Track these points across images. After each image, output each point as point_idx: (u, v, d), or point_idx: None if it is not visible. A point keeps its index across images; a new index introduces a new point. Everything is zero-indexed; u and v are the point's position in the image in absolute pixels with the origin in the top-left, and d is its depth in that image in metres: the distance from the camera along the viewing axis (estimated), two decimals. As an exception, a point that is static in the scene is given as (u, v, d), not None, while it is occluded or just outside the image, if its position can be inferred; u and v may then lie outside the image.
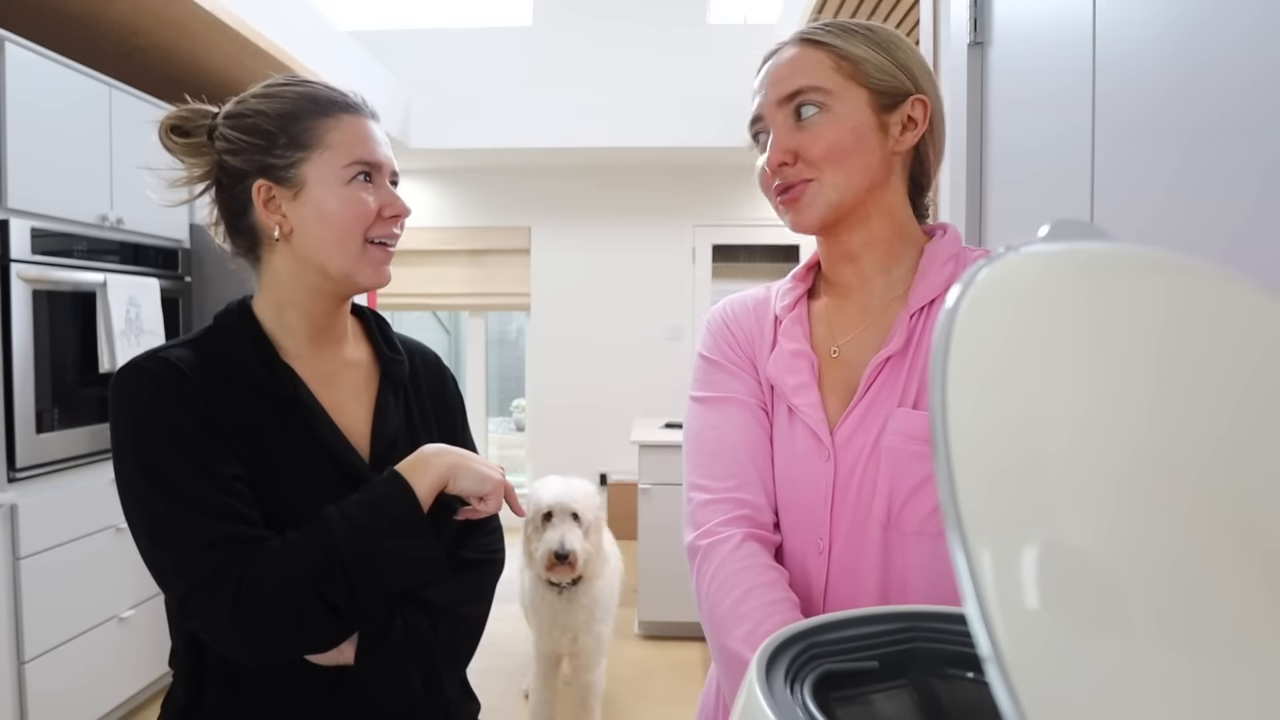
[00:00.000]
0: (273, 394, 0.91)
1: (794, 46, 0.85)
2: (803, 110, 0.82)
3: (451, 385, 1.11)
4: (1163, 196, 0.96)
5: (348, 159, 0.91)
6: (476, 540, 1.01)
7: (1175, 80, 0.94)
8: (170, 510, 0.81)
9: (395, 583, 0.87)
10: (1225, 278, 0.36)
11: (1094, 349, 0.32)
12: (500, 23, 4.94)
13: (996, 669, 0.24)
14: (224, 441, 0.85)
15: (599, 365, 5.25)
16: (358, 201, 0.91)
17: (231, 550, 0.81)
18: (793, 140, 0.82)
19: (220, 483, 0.83)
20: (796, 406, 0.84)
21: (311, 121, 0.92)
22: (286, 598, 0.80)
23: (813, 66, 0.83)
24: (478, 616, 0.99)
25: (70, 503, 2.49)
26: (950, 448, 0.28)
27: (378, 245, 0.93)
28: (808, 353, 0.86)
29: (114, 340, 2.59)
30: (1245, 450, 0.30)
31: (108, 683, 2.64)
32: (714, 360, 0.92)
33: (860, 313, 0.87)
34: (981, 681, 0.49)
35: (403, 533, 0.86)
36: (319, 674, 0.87)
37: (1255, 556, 0.27)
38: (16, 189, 2.29)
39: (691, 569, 0.84)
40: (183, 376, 0.86)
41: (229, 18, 2.85)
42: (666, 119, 4.68)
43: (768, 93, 0.84)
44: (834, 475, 0.82)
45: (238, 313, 0.95)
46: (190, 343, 0.92)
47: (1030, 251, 0.36)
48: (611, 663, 3.29)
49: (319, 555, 0.82)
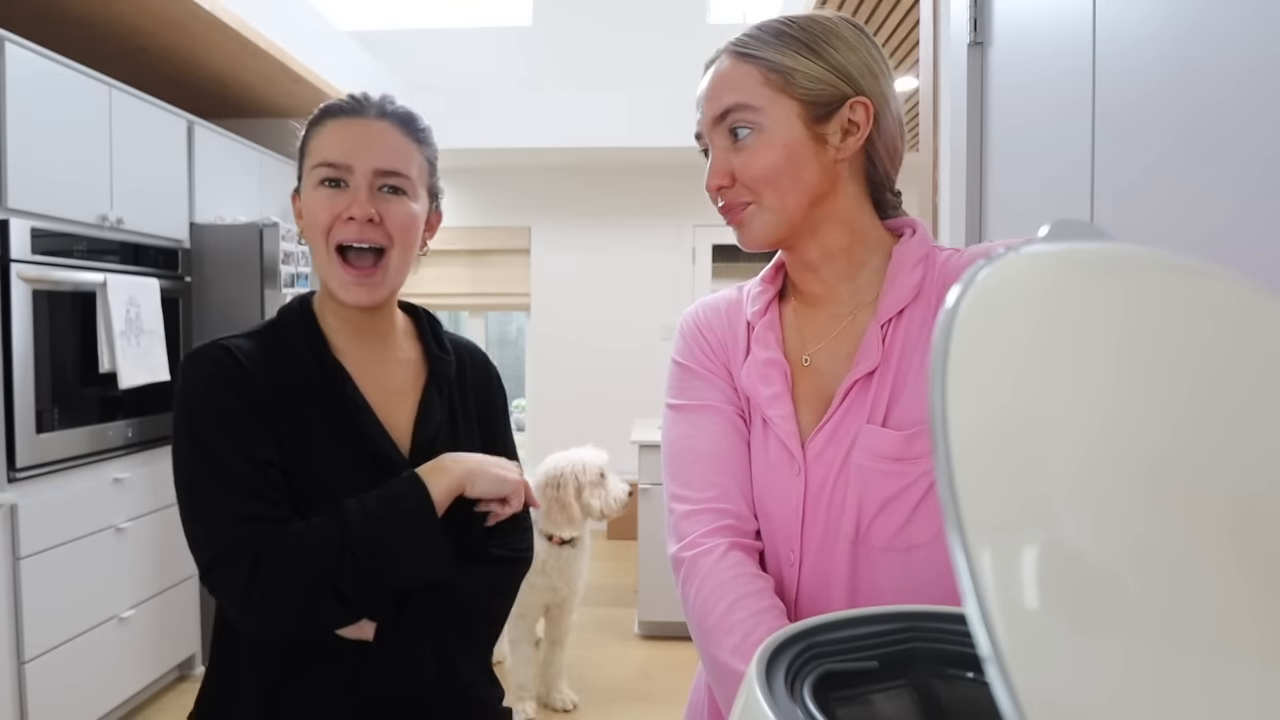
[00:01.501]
0: (322, 387, 0.95)
1: (727, 58, 0.82)
2: (737, 131, 0.80)
3: (497, 386, 1.13)
4: (1163, 196, 0.96)
5: (315, 162, 0.93)
6: (505, 538, 1.03)
7: (1175, 80, 0.94)
8: (209, 486, 0.87)
9: (401, 577, 0.90)
10: (1225, 277, 0.36)
11: (1094, 349, 0.32)
12: (500, 23, 4.93)
13: (996, 669, 0.24)
14: (269, 428, 0.90)
15: (599, 365, 5.25)
16: (313, 204, 0.93)
17: (255, 528, 0.86)
18: (728, 162, 0.81)
19: (258, 466, 0.88)
20: (770, 418, 0.83)
21: (309, 130, 0.96)
22: (297, 579, 0.85)
23: (742, 81, 0.80)
24: (498, 609, 1.02)
25: (70, 503, 2.49)
26: (950, 448, 0.28)
27: (344, 261, 0.93)
28: (780, 361, 0.85)
29: (114, 340, 2.59)
30: (1245, 450, 0.30)
31: (108, 683, 2.64)
32: (688, 367, 0.90)
33: (829, 321, 0.86)
34: (981, 681, 0.49)
35: (414, 530, 0.89)
36: (343, 647, 0.91)
37: (1255, 557, 0.27)
38: (16, 189, 2.29)
39: (677, 581, 0.82)
40: (239, 365, 0.91)
41: (229, 18, 2.85)
42: (666, 119, 4.68)
43: (704, 110, 0.83)
44: (804, 489, 0.81)
45: (298, 308, 1.00)
46: (253, 334, 0.97)
47: (1030, 251, 0.36)
48: (611, 663, 3.29)
49: (333, 542, 0.86)
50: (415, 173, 0.97)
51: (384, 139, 0.95)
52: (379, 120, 0.95)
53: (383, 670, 0.91)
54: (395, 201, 0.95)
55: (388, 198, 0.94)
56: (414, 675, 0.92)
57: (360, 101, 0.97)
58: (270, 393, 0.92)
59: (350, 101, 0.96)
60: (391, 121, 0.96)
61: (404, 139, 0.96)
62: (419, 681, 0.93)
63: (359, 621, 0.90)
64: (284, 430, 0.91)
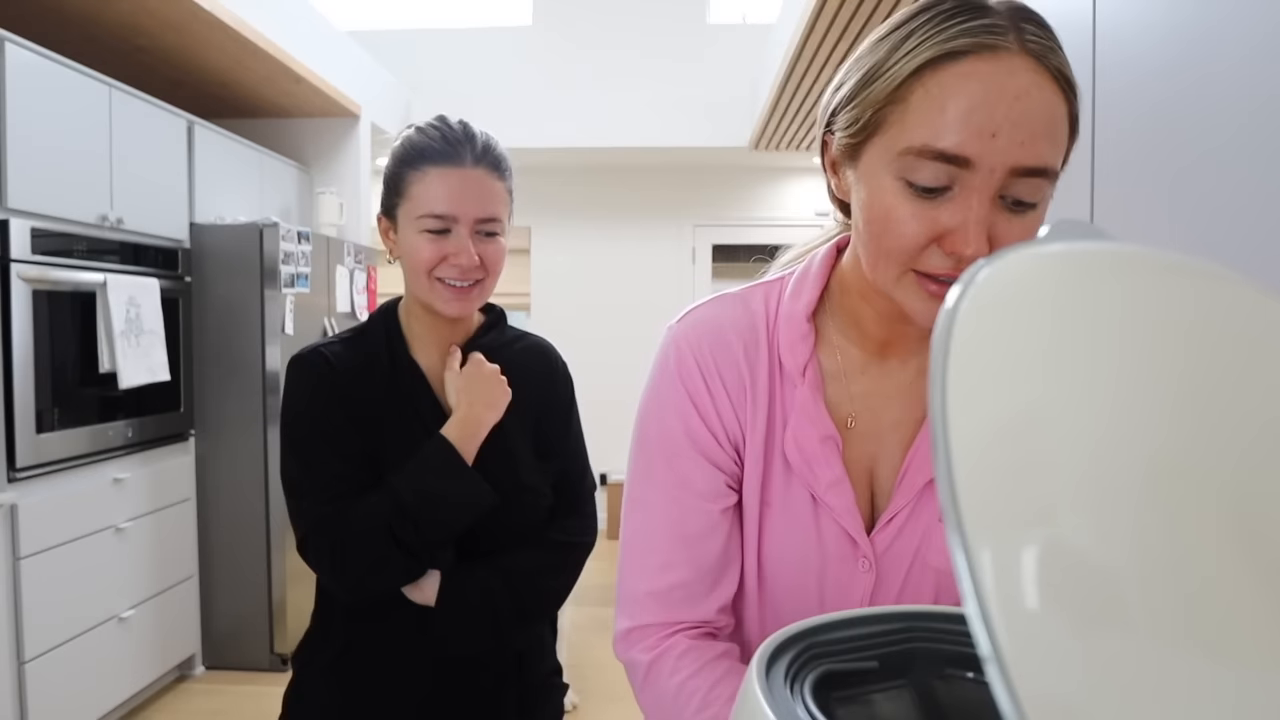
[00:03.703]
0: (397, 386, 1.09)
1: (1047, 82, 0.57)
2: (1023, 200, 0.58)
3: (561, 383, 1.21)
4: (1163, 196, 0.96)
5: (419, 211, 1.03)
6: (566, 523, 1.14)
7: (1175, 80, 0.94)
8: (302, 472, 1.05)
9: (450, 517, 1.03)
10: (1225, 277, 0.36)
11: (1094, 349, 0.32)
12: (500, 22, 4.94)
13: (996, 669, 0.24)
14: (355, 424, 1.05)
15: (598, 365, 5.24)
16: (418, 249, 1.04)
17: (338, 505, 1.02)
18: (996, 224, 0.58)
19: (344, 456, 1.04)
20: (829, 505, 0.70)
21: (406, 172, 1.05)
22: (368, 540, 0.99)
23: (1060, 130, 0.58)
24: (556, 589, 1.13)
25: (70, 503, 2.49)
26: (950, 448, 0.28)
27: (446, 284, 1.05)
28: (835, 437, 0.70)
29: (114, 340, 2.59)
30: (1245, 450, 0.30)
31: (108, 683, 2.64)
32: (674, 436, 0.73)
33: (890, 377, 0.73)
34: (981, 681, 0.49)
35: (448, 475, 1.02)
36: (409, 611, 1.04)
37: (1256, 557, 0.27)
38: (16, 189, 2.29)
39: (632, 682, 0.73)
40: (331, 369, 1.06)
41: (229, 18, 2.85)
42: (666, 119, 4.67)
43: (1003, 142, 0.56)
44: (874, 585, 0.71)
45: (383, 312, 1.14)
46: (347, 339, 1.11)
47: (1030, 251, 0.36)
48: (611, 663, 3.28)
49: (387, 504, 1.00)
50: (505, 212, 1.09)
51: (482, 187, 1.05)
52: (476, 168, 1.04)
53: (444, 633, 1.04)
54: (492, 243, 1.06)
55: (485, 240, 1.06)
56: (472, 641, 1.05)
57: (454, 143, 1.04)
58: (355, 392, 1.06)
59: (445, 145, 1.04)
60: (487, 168, 1.05)
61: (498, 184, 1.07)
62: (476, 646, 1.06)
63: (427, 574, 1.03)
64: (365, 426, 1.05)
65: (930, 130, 0.57)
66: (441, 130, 1.05)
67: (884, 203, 0.61)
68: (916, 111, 0.58)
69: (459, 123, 1.07)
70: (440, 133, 1.05)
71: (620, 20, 4.82)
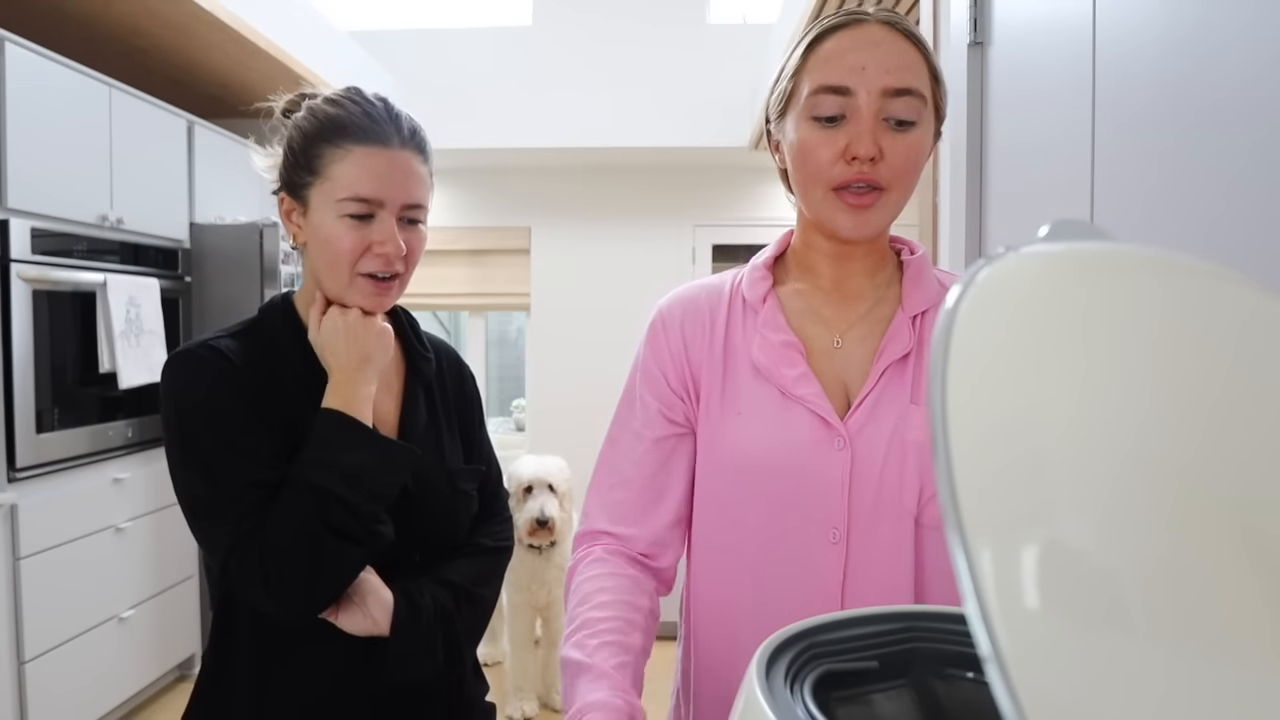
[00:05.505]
0: (309, 384, 0.96)
1: (896, 34, 0.80)
2: (901, 118, 0.78)
3: (470, 382, 1.17)
4: (1163, 196, 0.96)
5: (342, 194, 0.93)
6: (492, 528, 1.10)
7: (1175, 80, 0.94)
8: (208, 487, 0.90)
9: (379, 484, 0.92)
10: (1225, 277, 0.36)
11: (1094, 349, 0.32)
12: (500, 22, 4.94)
13: (996, 669, 0.24)
14: (265, 424, 0.92)
15: (599, 365, 5.24)
16: (341, 237, 0.94)
17: (255, 522, 0.88)
18: (883, 138, 0.78)
19: (258, 461, 0.90)
20: (800, 396, 0.83)
21: (323, 148, 0.94)
22: (302, 541, 0.87)
23: (918, 68, 0.80)
24: (489, 598, 1.06)
25: (70, 503, 2.49)
26: (950, 448, 0.28)
27: (368, 277, 0.95)
28: (797, 343, 0.85)
29: (114, 340, 2.59)
30: (1244, 450, 0.30)
31: (108, 683, 2.64)
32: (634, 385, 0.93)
33: (850, 308, 0.87)
34: (981, 681, 0.49)
35: (355, 446, 0.91)
36: (353, 645, 0.93)
37: (1255, 557, 0.27)
38: (16, 189, 2.29)
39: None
40: (230, 364, 0.93)
41: (229, 18, 2.85)
42: (666, 119, 4.67)
43: (871, 72, 0.78)
44: (850, 463, 0.81)
45: (281, 306, 1.02)
46: (237, 333, 0.98)
47: (1030, 251, 0.36)
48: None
49: (307, 498, 0.88)
50: (429, 198, 1.01)
51: (409, 170, 0.96)
52: (403, 151, 0.96)
53: (398, 662, 0.93)
54: (415, 231, 0.98)
55: (409, 228, 0.97)
56: (427, 667, 0.95)
57: (380, 121, 0.95)
58: (261, 389, 0.94)
59: (370, 123, 0.95)
60: (413, 151, 0.97)
61: (423, 167, 0.99)
62: (431, 672, 0.96)
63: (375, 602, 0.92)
64: (278, 426, 0.93)
65: (823, 75, 0.80)
66: (363, 105, 0.96)
67: (802, 138, 0.81)
68: (812, 70, 0.81)
69: (379, 98, 0.98)
70: (361, 108, 0.95)
71: (620, 20, 4.82)
